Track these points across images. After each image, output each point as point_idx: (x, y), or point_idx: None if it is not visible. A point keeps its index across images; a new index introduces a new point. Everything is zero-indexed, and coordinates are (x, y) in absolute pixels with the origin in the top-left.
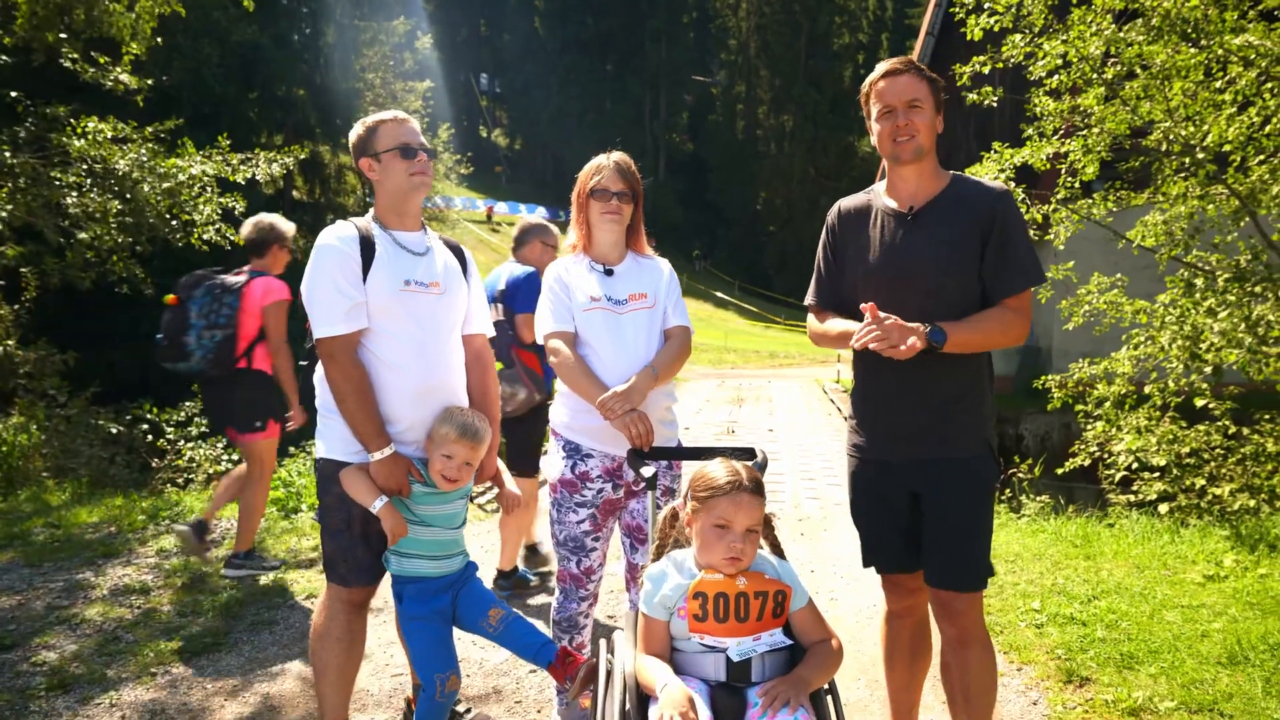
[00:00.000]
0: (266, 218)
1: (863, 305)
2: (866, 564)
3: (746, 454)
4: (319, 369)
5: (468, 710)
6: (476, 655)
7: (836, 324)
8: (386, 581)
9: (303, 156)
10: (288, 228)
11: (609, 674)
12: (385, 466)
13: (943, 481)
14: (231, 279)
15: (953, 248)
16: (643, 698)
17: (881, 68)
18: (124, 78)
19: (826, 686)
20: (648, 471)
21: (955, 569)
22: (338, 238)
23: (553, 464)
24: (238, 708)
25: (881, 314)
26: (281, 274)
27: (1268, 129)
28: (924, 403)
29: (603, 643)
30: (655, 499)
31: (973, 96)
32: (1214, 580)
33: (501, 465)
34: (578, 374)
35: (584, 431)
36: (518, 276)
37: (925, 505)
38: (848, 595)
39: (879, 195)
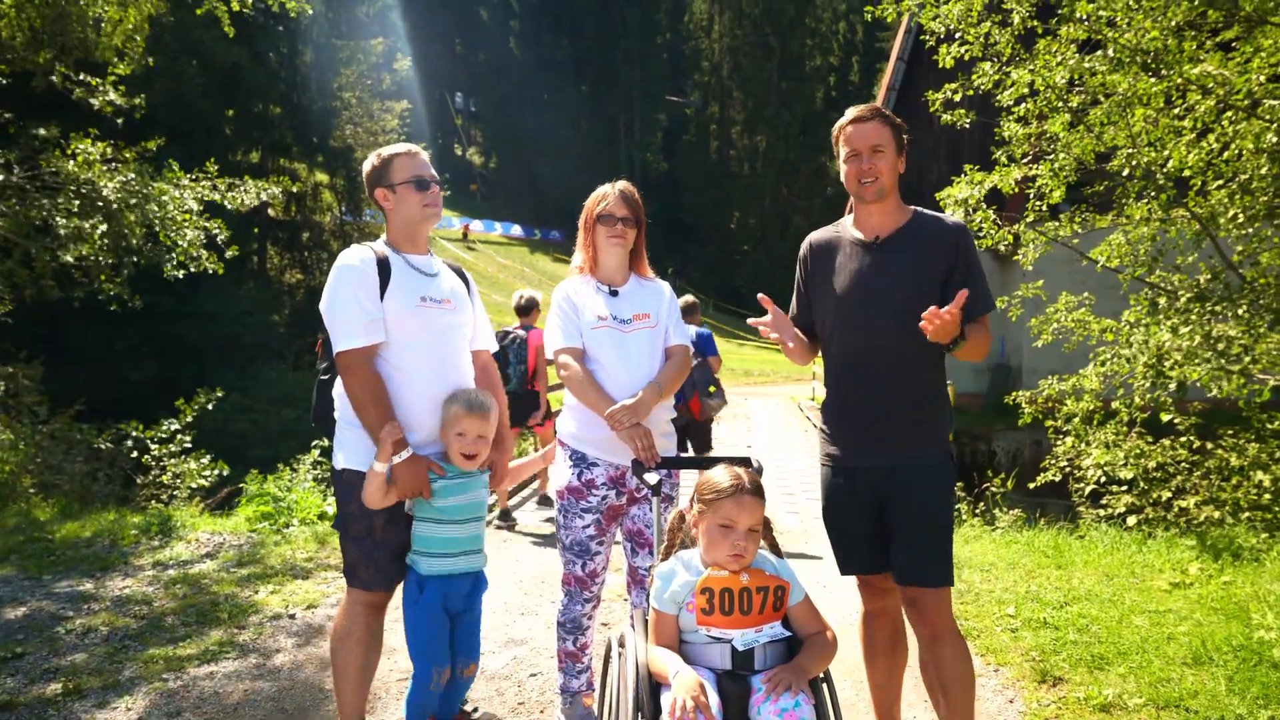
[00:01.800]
0: (528, 292)
1: (760, 296)
2: (842, 569)
3: (743, 463)
4: (338, 383)
5: (475, 709)
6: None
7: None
8: None
9: (294, 189)
10: (539, 295)
11: (620, 667)
12: (405, 468)
13: (906, 484)
14: (519, 332)
15: (916, 273)
16: (655, 685)
17: (850, 114)
18: (113, 97)
19: (823, 674)
20: (653, 479)
21: (920, 565)
22: (359, 259)
23: (559, 472)
24: (253, 710)
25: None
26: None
27: (1226, 155)
28: (888, 412)
29: (612, 638)
30: (658, 505)
31: (947, 118)
32: (1180, 587)
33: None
34: (587, 388)
35: (590, 442)
36: (701, 332)
37: (890, 507)
38: (827, 604)
39: (846, 228)
